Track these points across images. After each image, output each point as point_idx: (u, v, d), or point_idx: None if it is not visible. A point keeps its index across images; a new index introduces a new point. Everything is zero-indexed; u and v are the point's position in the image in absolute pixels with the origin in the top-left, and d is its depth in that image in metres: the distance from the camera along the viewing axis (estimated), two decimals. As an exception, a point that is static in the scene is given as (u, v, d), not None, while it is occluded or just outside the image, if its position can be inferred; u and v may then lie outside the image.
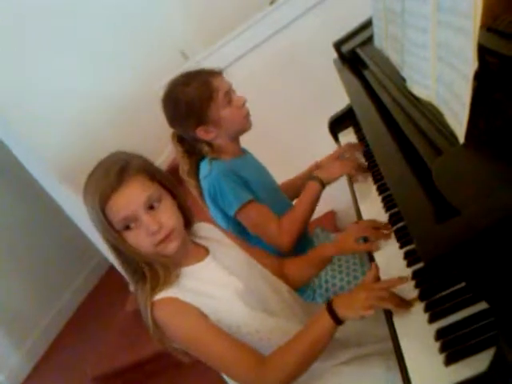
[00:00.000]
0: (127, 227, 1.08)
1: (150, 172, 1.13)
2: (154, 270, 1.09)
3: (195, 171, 1.60)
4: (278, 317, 1.21)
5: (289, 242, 1.49)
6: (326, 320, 1.06)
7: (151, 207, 1.10)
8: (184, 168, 1.59)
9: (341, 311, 1.05)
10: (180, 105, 1.50)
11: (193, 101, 1.47)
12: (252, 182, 1.53)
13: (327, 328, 1.06)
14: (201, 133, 1.52)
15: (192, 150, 1.59)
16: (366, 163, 1.62)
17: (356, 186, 1.58)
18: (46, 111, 3.00)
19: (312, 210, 1.56)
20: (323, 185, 1.54)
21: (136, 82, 2.98)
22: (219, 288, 1.14)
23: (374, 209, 1.38)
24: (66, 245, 4.17)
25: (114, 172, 1.07)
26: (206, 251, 1.23)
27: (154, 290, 1.08)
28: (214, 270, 1.18)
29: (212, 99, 1.48)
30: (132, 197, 1.07)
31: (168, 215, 1.11)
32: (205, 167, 1.55)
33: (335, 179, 1.56)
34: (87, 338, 3.52)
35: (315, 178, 1.54)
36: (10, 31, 2.86)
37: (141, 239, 1.08)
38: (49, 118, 3.01)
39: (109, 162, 1.11)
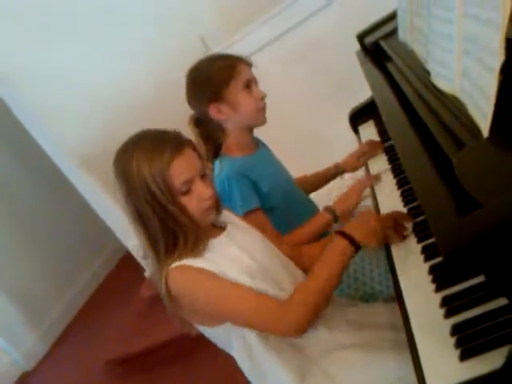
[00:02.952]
0: (184, 192, 1.12)
1: (196, 149, 1.19)
2: (188, 241, 1.12)
3: (212, 156, 1.60)
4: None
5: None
6: (342, 244, 1.13)
7: (202, 176, 1.16)
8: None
9: (354, 234, 1.13)
10: (201, 76, 1.52)
11: (214, 75, 1.49)
12: (264, 181, 1.52)
13: (344, 252, 1.12)
14: (213, 110, 1.51)
15: (207, 134, 1.58)
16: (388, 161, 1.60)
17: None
18: (68, 100, 3.03)
19: (315, 237, 1.55)
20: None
21: (155, 68, 2.98)
22: (229, 262, 1.15)
23: (392, 202, 1.37)
24: (84, 231, 4.22)
25: (172, 139, 1.13)
26: (223, 230, 1.24)
27: (178, 258, 1.11)
28: (227, 246, 1.19)
29: (232, 79, 1.49)
30: (192, 161, 1.14)
31: (213, 188, 1.18)
32: (217, 166, 1.55)
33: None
34: (102, 322, 3.57)
35: (329, 210, 1.54)
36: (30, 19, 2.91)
37: (192, 204, 1.12)
38: (70, 106, 3.05)
39: (158, 133, 1.15)
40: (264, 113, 1.57)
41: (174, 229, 1.11)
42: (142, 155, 1.09)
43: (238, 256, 1.18)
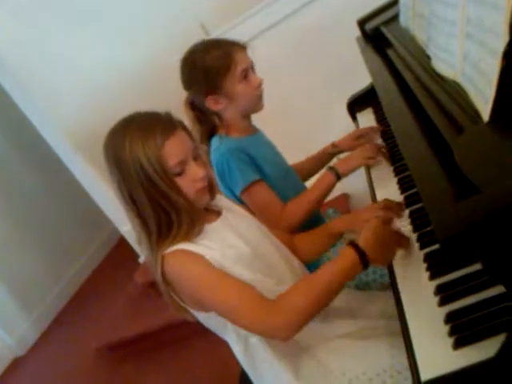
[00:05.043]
0: (177, 173, 1.10)
1: (187, 130, 1.18)
2: (182, 222, 1.10)
3: (206, 138, 1.58)
4: (287, 284, 1.18)
5: (290, 226, 1.46)
6: (353, 258, 1.04)
7: (195, 158, 1.15)
8: (195, 135, 1.58)
9: (369, 253, 1.04)
10: (196, 69, 1.49)
11: (210, 68, 1.46)
12: (262, 161, 1.51)
13: (353, 267, 1.04)
14: (210, 102, 1.50)
15: (203, 117, 1.56)
16: (385, 145, 1.58)
17: (372, 168, 1.55)
18: (64, 83, 3.01)
19: (321, 200, 1.54)
20: (339, 177, 1.51)
21: (153, 53, 2.96)
22: (226, 248, 1.13)
23: (389, 190, 1.36)
24: (79, 216, 4.21)
25: (164, 121, 1.12)
26: (218, 215, 1.23)
27: (172, 242, 1.09)
28: (222, 232, 1.18)
29: (229, 71, 1.46)
30: (184, 142, 1.13)
31: (206, 169, 1.17)
32: (215, 141, 1.54)
33: (353, 171, 1.53)
34: (95, 308, 3.57)
35: (332, 170, 1.52)
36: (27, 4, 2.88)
37: (186, 185, 1.11)
38: (66, 90, 3.02)
39: (149, 115, 1.14)
40: (261, 99, 1.55)
41: (167, 210, 1.09)
42: (134, 137, 1.08)
43: (234, 243, 1.16)
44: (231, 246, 1.15)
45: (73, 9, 2.96)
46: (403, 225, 1.17)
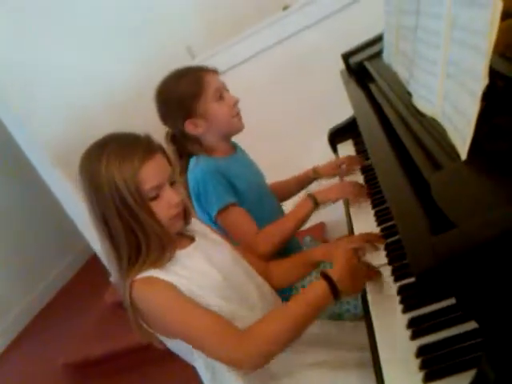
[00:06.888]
0: (152, 198, 1.10)
1: (166, 154, 1.18)
2: (152, 248, 1.09)
3: (185, 170, 1.58)
4: (257, 313, 1.18)
5: (264, 252, 1.45)
6: (325, 289, 1.05)
7: (172, 183, 1.15)
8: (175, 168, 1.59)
9: (340, 285, 1.05)
10: (170, 98, 1.51)
11: (183, 93, 1.48)
12: (239, 181, 1.52)
13: (326, 297, 1.05)
14: (189, 126, 1.51)
15: (183, 149, 1.58)
16: (365, 185, 1.59)
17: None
18: (46, 97, 3.00)
19: (298, 226, 1.54)
20: (317, 205, 1.52)
21: (137, 73, 2.97)
22: (198, 275, 1.13)
23: (366, 222, 1.38)
24: (51, 231, 4.14)
25: (143, 143, 1.11)
26: (191, 241, 1.22)
27: (141, 268, 1.08)
28: (195, 259, 1.17)
29: (202, 92, 1.49)
30: (162, 167, 1.13)
31: (182, 195, 1.16)
32: (193, 161, 1.56)
33: (331, 201, 1.54)
34: (62, 324, 3.49)
35: (311, 197, 1.52)
36: (12, 16, 2.87)
37: (160, 210, 1.11)
38: (48, 104, 3.01)
39: (128, 136, 1.13)
40: (239, 118, 1.57)
41: (139, 235, 1.08)
42: (111, 158, 1.07)
43: (206, 270, 1.16)
44: (204, 273, 1.15)
45: (59, 24, 2.97)
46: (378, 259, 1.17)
